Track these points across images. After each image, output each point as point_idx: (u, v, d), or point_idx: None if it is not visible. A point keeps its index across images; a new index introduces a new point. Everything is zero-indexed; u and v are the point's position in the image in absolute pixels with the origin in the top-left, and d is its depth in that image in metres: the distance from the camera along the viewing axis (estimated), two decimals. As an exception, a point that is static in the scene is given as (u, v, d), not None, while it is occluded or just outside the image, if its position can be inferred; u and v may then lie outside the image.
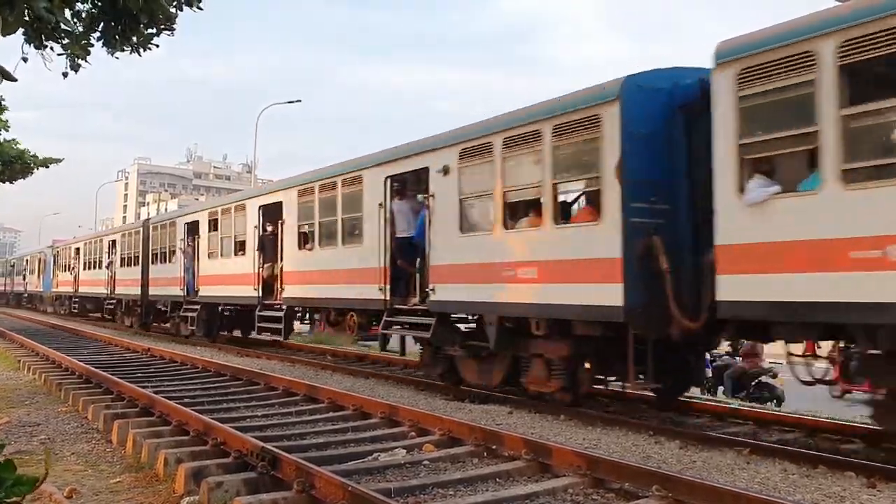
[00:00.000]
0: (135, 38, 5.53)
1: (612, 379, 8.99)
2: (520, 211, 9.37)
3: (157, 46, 5.75)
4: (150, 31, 5.57)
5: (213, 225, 18.58)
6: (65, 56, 5.45)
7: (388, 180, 11.58)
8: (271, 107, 55.75)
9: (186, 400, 9.12)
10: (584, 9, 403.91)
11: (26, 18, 4.23)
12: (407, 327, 11.48)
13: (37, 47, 5.10)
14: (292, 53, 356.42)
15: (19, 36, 4.89)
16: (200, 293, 19.05)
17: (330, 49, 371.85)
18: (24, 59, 5.08)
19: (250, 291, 16.01)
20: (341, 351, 16.86)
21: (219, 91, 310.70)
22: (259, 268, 15.81)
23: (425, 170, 10.67)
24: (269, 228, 15.80)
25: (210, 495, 5.14)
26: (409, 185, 11.80)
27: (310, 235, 13.95)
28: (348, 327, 12.89)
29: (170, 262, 21.13)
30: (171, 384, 11.05)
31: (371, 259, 11.69)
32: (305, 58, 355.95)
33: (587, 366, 8.75)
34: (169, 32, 5.66)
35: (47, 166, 22.97)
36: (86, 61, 5.60)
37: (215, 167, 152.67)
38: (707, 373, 12.22)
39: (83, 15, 5.49)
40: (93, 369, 11.59)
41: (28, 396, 10.49)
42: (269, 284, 15.63)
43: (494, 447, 6.55)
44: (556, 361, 8.83)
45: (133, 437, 6.90)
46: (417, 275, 11.07)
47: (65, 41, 5.28)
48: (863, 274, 5.90)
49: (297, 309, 15.01)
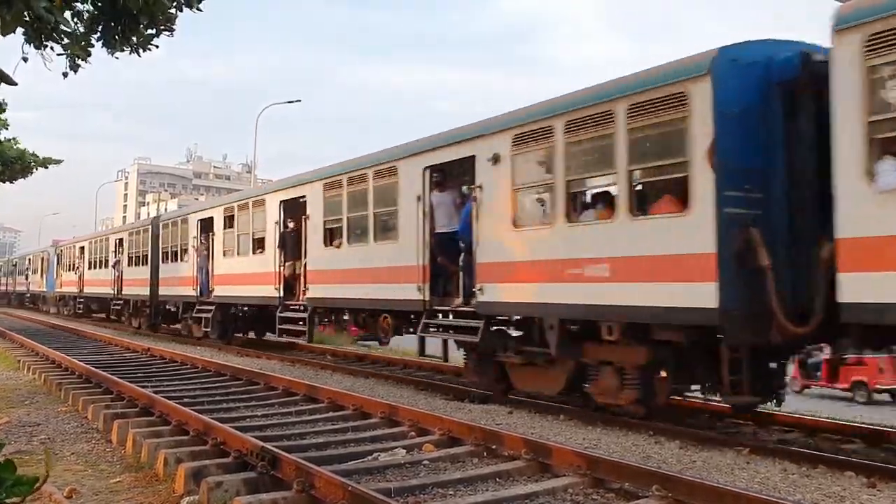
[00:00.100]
0: (134, 39, 5.54)
1: (692, 389, 8.15)
2: (586, 202, 8.64)
3: (157, 47, 5.76)
4: (149, 31, 5.58)
5: (229, 221, 17.73)
6: (65, 56, 5.46)
7: (427, 171, 10.80)
8: (271, 107, 55.70)
9: (186, 400, 9.12)
10: (584, 9, 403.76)
11: (26, 18, 4.23)
12: (449, 330, 10.62)
13: (37, 47, 5.10)
14: (292, 53, 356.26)
15: (19, 36, 4.90)
16: (215, 293, 18.28)
17: (330, 49, 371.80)
18: (25, 59, 5.09)
19: (270, 291, 15.21)
20: (341, 351, 16.83)
21: (219, 91, 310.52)
22: (280, 266, 15.05)
23: (471, 159, 9.89)
24: (291, 225, 15.08)
25: (210, 495, 5.15)
26: (451, 176, 11.08)
27: (337, 231, 13.28)
28: (381, 330, 12.09)
29: (181, 260, 20.39)
30: (170, 384, 11.05)
31: (407, 256, 10.95)
32: (305, 58, 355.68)
33: (663, 375, 7.86)
34: (169, 33, 5.67)
35: (47, 167, 22.99)
36: (86, 61, 5.61)
37: (215, 167, 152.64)
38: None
39: (84, 16, 5.49)
40: (93, 369, 11.60)
41: (28, 396, 10.50)
42: (290, 284, 14.99)
43: (494, 447, 6.55)
44: (630, 370, 7.93)
45: (133, 436, 6.91)
46: (461, 273, 10.42)
47: (65, 41, 5.28)
48: None
49: (320, 310, 14.16)
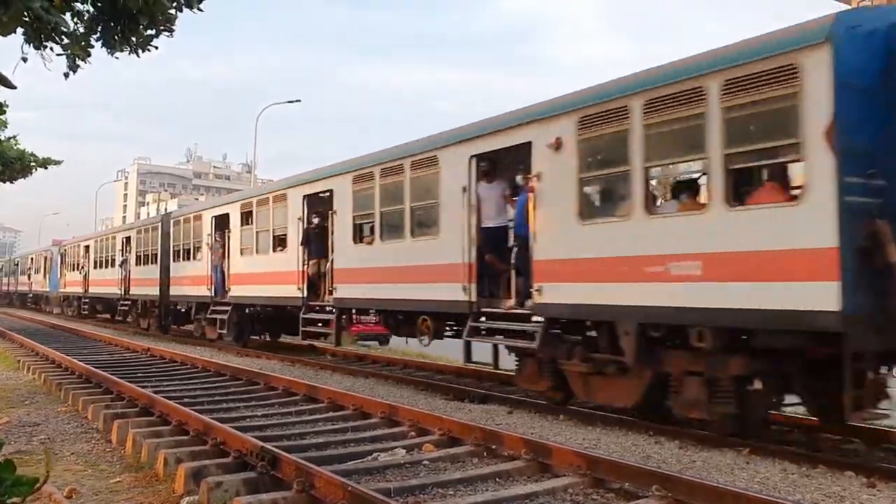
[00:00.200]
0: (134, 39, 5.53)
1: (788, 403, 7.48)
2: (670, 191, 7.86)
3: (157, 48, 5.76)
4: (149, 32, 5.57)
5: (247, 218, 16.84)
6: (64, 56, 5.45)
7: (474, 160, 9.95)
8: (271, 107, 55.41)
9: (186, 400, 9.13)
10: (584, 9, 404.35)
11: (25, 18, 4.23)
12: (501, 335, 9.67)
13: (36, 48, 5.10)
14: (292, 53, 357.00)
15: (19, 36, 4.90)
16: (231, 293, 17.38)
17: (330, 49, 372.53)
18: (24, 60, 5.09)
19: (293, 291, 14.35)
20: (341, 351, 16.83)
21: (219, 91, 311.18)
22: (304, 265, 14.21)
23: (526, 145, 9.02)
24: (316, 220, 14.35)
25: (210, 495, 5.15)
26: (501, 165, 10.21)
27: (368, 227, 12.58)
28: (420, 332, 11.30)
29: (194, 259, 19.62)
30: (170, 384, 11.05)
31: (451, 253, 10.13)
32: (305, 58, 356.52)
33: (758, 386, 7.10)
34: (168, 33, 5.66)
35: (46, 167, 22.99)
36: (85, 62, 5.60)
37: (215, 167, 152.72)
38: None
39: (84, 16, 5.49)
40: (93, 369, 11.60)
41: (28, 396, 10.50)
42: (314, 284, 14.21)
43: (494, 447, 6.54)
44: (724, 381, 7.05)
45: (133, 436, 6.91)
46: (512, 272, 9.65)
47: (64, 41, 5.28)
48: None
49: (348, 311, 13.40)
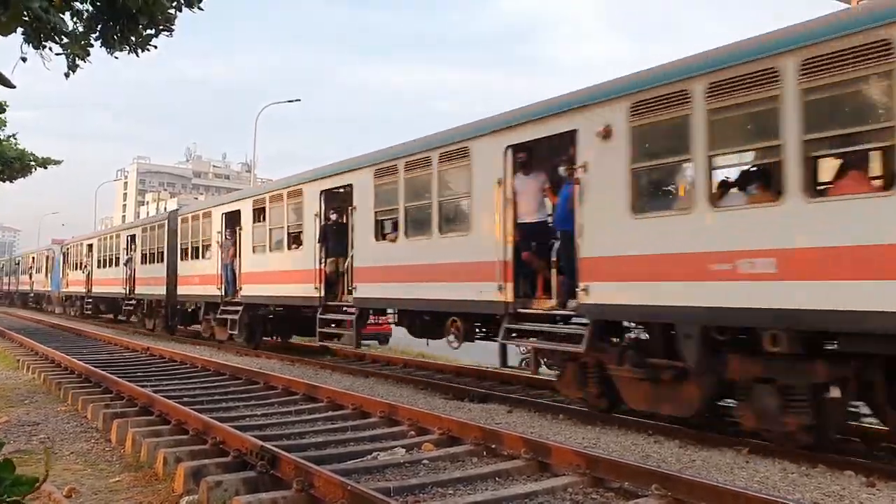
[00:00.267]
0: (133, 39, 5.54)
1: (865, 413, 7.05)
2: (739, 182, 7.38)
3: (156, 48, 5.76)
4: (148, 31, 5.58)
5: (260, 214, 16.22)
6: (64, 56, 5.46)
7: (510, 151, 9.37)
8: (270, 106, 54.89)
9: (186, 399, 9.13)
10: (584, 9, 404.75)
11: (25, 18, 4.23)
12: (541, 337, 9.02)
13: (35, 47, 5.11)
14: (292, 53, 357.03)
15: (18, 36, 4.90)
16: (243, 293, 16.79)
17: (330, 49, 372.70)
18: (24, 59, 5.09)
19: (310, 291, 13.78)
20: (340, 350, 16.82)
21: (218, 91, 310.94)
22: (321, 263, 13.63)
23: (571, 134, 8.47)
24: (333, 217, 13.91)
25: (209, 494, 5.15)
26: (539, 156, 9.59)
27: (391, 224, 12.04)
28: (449, 334, 10.72)
29: (203, 257, 19.02)
30: (170, 383, 11.05)
31: (484, 250, 9.59)
32: (305, 58, 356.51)
33: (835, 395, 6.59)
34: (168, 33, 5.67)
35: (46, 167, 23.01)
36: (85, 61, 5.61)
37: (214, 166, 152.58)
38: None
39: (83, 15, 5.49)
40: (92, 368, 11.60)
41: (27, 395, 10.50)
42: (331, 283, 13.64)
43: (494, 446, 6.55)
44: (799, 389, 6.58)
45: (132, 436, 6.91)
46: (552, 270, 9.06)
47: (64, 41, 5.28)
48: None
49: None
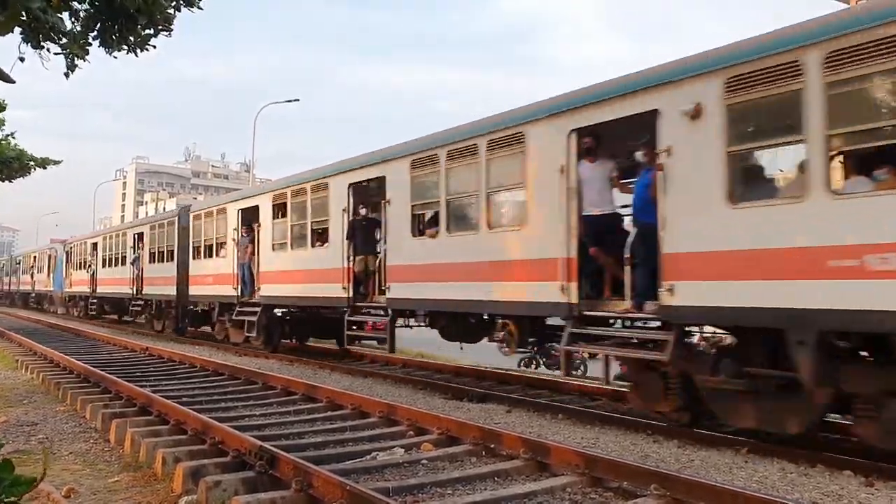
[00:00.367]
0: (132, 39, 5.54)
1: None
2: (868, 166, 6.45)
3: (154, 48, 5.76)
4: (147, 31, 5.58)
5: (280, 210, 15.41)
6: (62, 55, 5.46)
7: (574, 135, 8.45)
8: (270, 106, 54.96)
9: (185, 399, 9.12)
10: (584, 9, 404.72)
11: (24, 18, 4.23)
12: (614, 344, 8.19)
13: (34, 47, 5.10)
14: (292, 53, 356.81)
15: (17, 35, 4.90)
16: (261, 293, 15.89)
17: (330, 49, 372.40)
18: (21, 59, 5.09)
19: (337, 291, 12.97)
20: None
21: (218, 91, 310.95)
22: (349, 261, 12.88)
23: (651, 114, 7.55)
24: (363, 212, 13.20)
25: (208, 494, 5.14)
26: (607, 141, 8.69)
27: (431, 219, 11.27)
28: (503, 340, 9.92)
29: (218, 256, 18.21)
30: (169, 383, 11.04)
31: (542, 247, 8.75)
32: (305, 58, 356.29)
33: None
34: (167, 33, 5.67)
35: (45, 167, 23.01)
36: (84, 60, 5.61)
37: (213, 166, 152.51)
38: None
39: (81, 15, 5.49)
40: (91, 368, 11.59)
41: (26, 395, 10.49)
42: (359, 283, 12.96)
43: (493, 446, 6.55)
44: None
45: (131, 436, 6.90)
46: (625, 268, 8.19)
47: (62, 41, 5.28)
48: None
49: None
